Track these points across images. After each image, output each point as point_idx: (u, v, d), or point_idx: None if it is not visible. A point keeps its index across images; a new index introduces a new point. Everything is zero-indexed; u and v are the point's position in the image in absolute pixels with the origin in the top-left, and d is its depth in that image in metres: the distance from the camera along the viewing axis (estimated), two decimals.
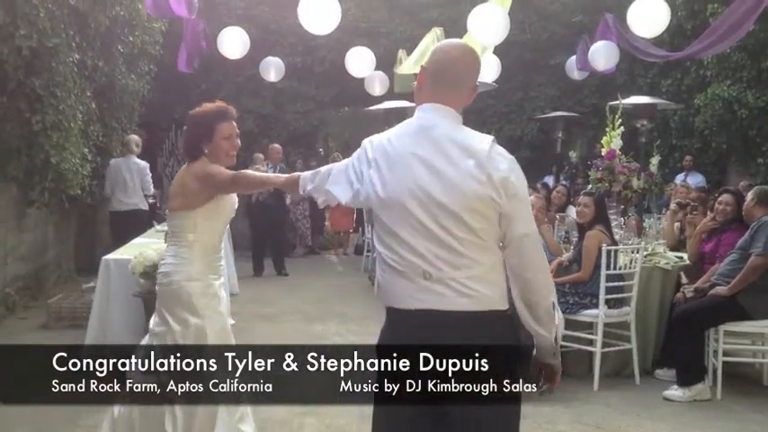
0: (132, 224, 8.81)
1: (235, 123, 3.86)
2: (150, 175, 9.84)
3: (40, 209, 8.50)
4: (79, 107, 8.54)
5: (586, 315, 6.08)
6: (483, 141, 2.54)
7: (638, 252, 6.14)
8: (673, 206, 7.25)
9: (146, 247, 6.07)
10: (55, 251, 9.86)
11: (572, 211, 7.98)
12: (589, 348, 6.10)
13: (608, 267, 5.95)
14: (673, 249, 7.17)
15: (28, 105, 7.64)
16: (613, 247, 6.06)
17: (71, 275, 10.03)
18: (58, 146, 7.84)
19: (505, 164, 2.52)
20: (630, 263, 6.12)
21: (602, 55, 10.64)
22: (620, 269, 6.06)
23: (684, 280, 6.45)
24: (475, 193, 2.47)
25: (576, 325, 6.16)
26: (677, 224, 7.49)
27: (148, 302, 5.82)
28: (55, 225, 9.79)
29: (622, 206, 7.63)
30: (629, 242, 6.70)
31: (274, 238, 11.34)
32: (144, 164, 9.75)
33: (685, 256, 6.73)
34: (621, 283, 6.10)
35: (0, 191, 7.74)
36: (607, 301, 6.01)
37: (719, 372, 5.78)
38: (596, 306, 6.03)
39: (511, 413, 2.53)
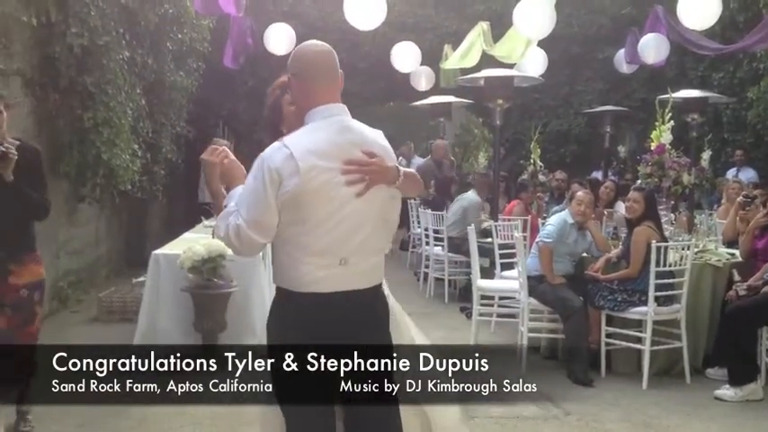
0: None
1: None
2: None
3: (92, 204, 8.66)
4: (129, 104, 8.68)
5: (635, 312, 6.00)
6: (381, 137, 2.81)
7: (688, 249, 6.03)
8: (740, 199, 7.05)
9: (194, 242, 6.14)
10: (106, 246, 10.05)
11: (620, 207, 7.87)
12: (638, 346, 6.01)
13: (657, 264, 5.86)
14: (730, 244, 7.00)
15: (80, 102, 7.79)
16: (663, 244, 5.97)
17: (122, 270, 10.21)
18: (109, 142, 7.97)
19: None
20: (681, 260, 6.02)
21: (652, 48, 10.48)
22: (669, 266, 5.96)
23: (737, 277, 6.30)
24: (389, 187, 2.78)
25: (624, 323, 6.09)
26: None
27: (197, 297, 5.91)
28: (106, 220, 9.96)
29: (672, 202, 7.49)
30: (680, 239, 6.58)
31: None
32: None
33: (738, 252, 6.59)
34: (671, 281, 6.00)
35: (52, 187, 7.83)
36: (657, 299, 5.92)
37: None
38: (645, 303, 5.94)
39: None
